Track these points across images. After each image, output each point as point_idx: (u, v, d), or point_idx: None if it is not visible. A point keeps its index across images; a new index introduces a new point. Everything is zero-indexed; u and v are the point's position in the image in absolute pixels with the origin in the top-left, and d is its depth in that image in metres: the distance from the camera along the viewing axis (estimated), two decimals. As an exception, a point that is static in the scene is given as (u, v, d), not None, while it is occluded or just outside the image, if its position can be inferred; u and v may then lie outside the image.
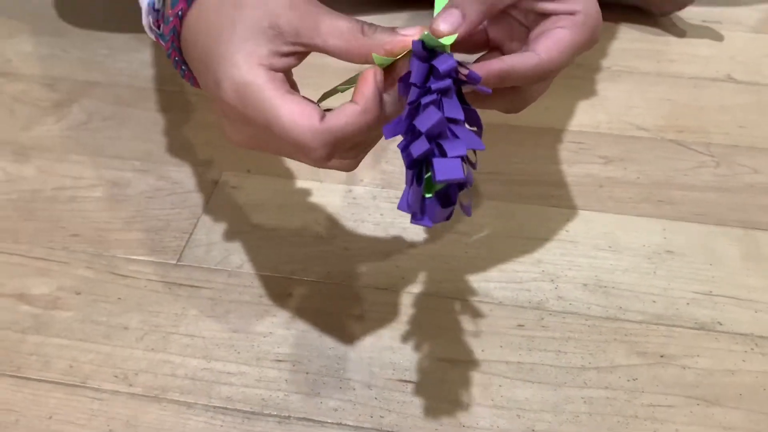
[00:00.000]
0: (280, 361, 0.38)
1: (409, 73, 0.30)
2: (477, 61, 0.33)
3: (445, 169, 0.27)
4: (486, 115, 0.54)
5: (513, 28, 0.35)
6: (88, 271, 0.42)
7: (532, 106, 0.37)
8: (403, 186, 0.30)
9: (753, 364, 0.38)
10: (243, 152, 0.50)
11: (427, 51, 0.29)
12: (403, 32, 0.30)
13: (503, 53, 0.34)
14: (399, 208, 0.29)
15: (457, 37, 0.30)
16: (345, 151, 0.31)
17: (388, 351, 0.38)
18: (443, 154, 0.27)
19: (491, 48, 0.36)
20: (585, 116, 0.54)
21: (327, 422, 0.35)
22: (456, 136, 0.28)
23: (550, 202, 0.47)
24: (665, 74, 0.59)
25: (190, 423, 0.35)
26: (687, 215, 0.46)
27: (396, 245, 0.44)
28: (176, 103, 0.55)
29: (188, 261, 0.43)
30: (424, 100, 0.28)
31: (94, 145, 0.51)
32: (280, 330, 0.39)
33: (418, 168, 0.29)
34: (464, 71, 0.29)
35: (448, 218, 0.31)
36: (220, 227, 0.45)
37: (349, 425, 0.35)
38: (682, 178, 0.49)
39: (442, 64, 0.29)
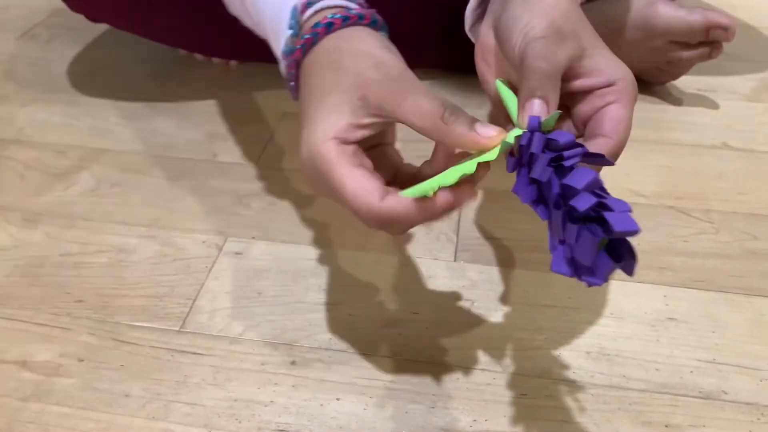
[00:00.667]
0: (281, 430, 0.38)
1: (517, 151, 0.31)
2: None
3: (620, 221, 0.26)
4: (488, 182, 0.55)
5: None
6: (91, 337, 0.43)
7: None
8: (404, 254, 0.30)
9: (760, 434, 0.37)
10: (248, 219, 0.51)
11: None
12: (480, 130, 0.31)
13: None
14: (556, 270, 0.28)
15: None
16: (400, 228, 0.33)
17: (390, 421, 0.38)
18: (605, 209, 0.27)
19: None
20: (585, 183, 0.55)
21: (328, 495, 0.35)
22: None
23: (552, 269, 0.47)
24: (663, 142, 0.60)
25: (189, 495, 0.35)
26: (688, 282, 0.46)
27: (400, 312, 0.44)
28: (184, 171, 0.56)
29: (191, 328, 0.43)
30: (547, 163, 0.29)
31: (102, 211, 0.52)
32: (282, 399, 0.39)
33: (582, 223, 0.27)
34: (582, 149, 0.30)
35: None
36: (224, 294, 0.45)
37: (350, 498, 0.35)
38: (683, 244, 0.49)
39: (561, 138, 0.30)
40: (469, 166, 0.31)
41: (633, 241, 0.50)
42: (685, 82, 0.67)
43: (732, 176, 0.56)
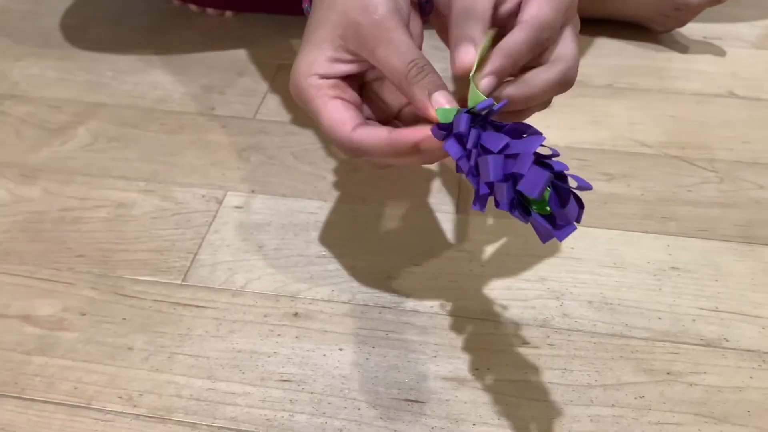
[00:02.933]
0: (284, 381, 0.38)
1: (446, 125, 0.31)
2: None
3: (531, 183, 0.27)
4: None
5: None
6: (93, 291, 0.43)
7: (535, 123, 0.37)
8: (405, 206, 0.30)
9: (761, 381, 0.38)
10: (247, 173, 0.51)
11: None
12: (435, 98, 0.31)
13: None
14: (545, 241, 0.28)
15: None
16: (375, 160, 0.35)
17: (393, 370, 0.38)
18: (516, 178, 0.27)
19: None
20: (588, 133, 0.54)
21: (332, 442, 0.35)
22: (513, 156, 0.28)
23: (554, 219, 0.47)
24: (668, 91, 0.59)
25: (195, 444, 0.35)
26: (692, 231, 0.46)
27: (401, 264, 0.44)
28: (181, 124, 0.55)
29: (193, 281, 0.43)
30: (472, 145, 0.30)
31: (100, 166, 0.52)
32: (285, 350, 0.39)
33: (518, 206, 0.28)
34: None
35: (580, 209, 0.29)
36: (225, 247, 0.45)
37: (354, 445, 0.35)
38: (686, 194, 0.49)
39: (480, 106, 0.30)
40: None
41: (637, 190, 0.50)
42: (691, 30, 0.66)
43: (737, 125, 0.55)
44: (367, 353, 0.39)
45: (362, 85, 0.37)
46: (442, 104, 0.31)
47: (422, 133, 0.31)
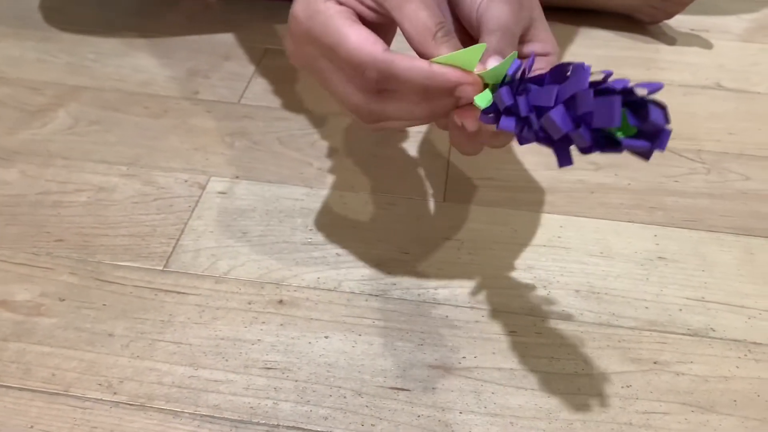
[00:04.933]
0: (269, 368, 0.37)
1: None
2: None
3: (605, 115, 0.25)
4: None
5: None
6: (73, 277, 0.42)
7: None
8: (393, 193, 0.29)
9: (747, 370, 0.38)
10: (231, 159, 0.50)
11: None
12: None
13: None
14: (648, 158, 0.26)
15: None
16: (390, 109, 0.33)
17: (379, 358, 0.38)
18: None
19: None
20: (576, 123, 0.54)
21: (317, 430, 0.35)
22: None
23: (543, 209, 0.47)
24: (655, 82, 0.59)
25: (177, 432, 0.35)
26: (679, 221, 0.46)
27: (388, 251, 0.43)
28: (164, 108, 0.54)
29: (175, 267, 0.42)
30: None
31: (81, 149, 0.50)
32: (269, 337, 0.39)
33: (605, 142, 0.26)
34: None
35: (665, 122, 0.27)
36: (208, 233, 0.44)
37: (339, 434, 0.35)
38: (674, 184, 0.49)
39: (511, 70, 0.30)
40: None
41: (624, 180, 0.50)
42: (679, 22, 0.66)
43: (724, 117, 0.55)
44: (353, 341, 0.39)
45: None
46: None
47: (465, 76, 0.30)
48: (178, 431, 0.34)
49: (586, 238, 0.45)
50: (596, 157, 0.51)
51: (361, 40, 0.31)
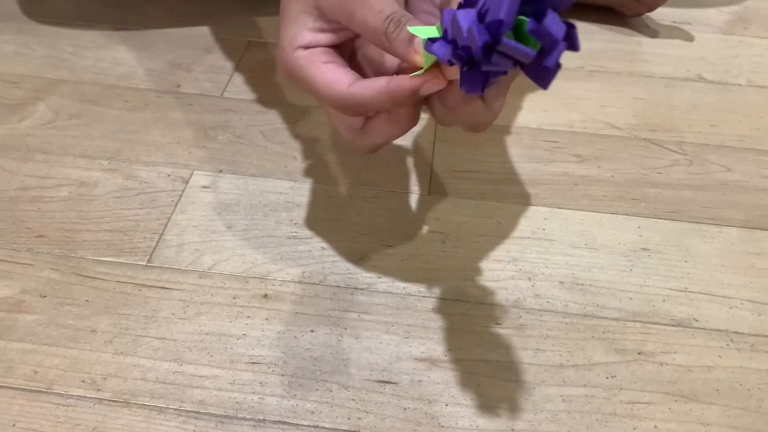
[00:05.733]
0: (254, 363, 0.37)
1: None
2: None
3: (495, 9, 0.23)
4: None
5: None
6: (54, 273, 0.41)
7: (507, 105, 0.37)
8: (377, 187, 0.29)
9: (729, 359, 0.38)
10: (214, 152, 0.49)
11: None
12: (417, 45, 0.31)
13: None
14: (541, 81, 0.25)
15: None
16: (374, 135, 0.35)
17: (365, 351, 0.38)
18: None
19: None
20: (559, 116, 0.54)
21: (303, 425, 0.35)
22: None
23: (527, 201, 0.47)
24: (638, 74, 0.59)
25: (161, 428, 0.34)
26: (661, 213, 0.46)
27: (373, 245, 0.43)
28: (146, 102, 0.54)
29: (158, 262, 0.42)
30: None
31: (61, 144, 0.50)
32: (255, 332, 0.38)
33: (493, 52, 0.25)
34: None
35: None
36: (192, 228, 0.44)
37: (326, 428, 0.35)
38: (656, 176, 0.49)
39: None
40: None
41: (607, 172, 0.50)
42: (661, 15, 0.66)
43: (706, 108, 0.56)
44: (338, 335, 0.38)
45: (352, 53, 0.36)
46: (420, 42, 0.30)
47: (422, 78, 0.30)
48: (163, 427, 0.34)
49: (570, 230, 0.45)
50: (580, 149, 0.51)
51: (326, 82, 0.33)
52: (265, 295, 0.40)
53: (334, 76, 0.33)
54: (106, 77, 0.56)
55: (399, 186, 0.47)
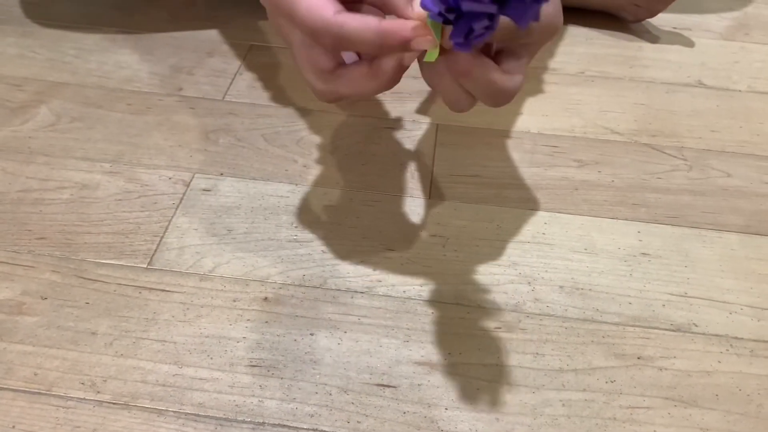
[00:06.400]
0: (254, 366, 0.37)
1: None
2: None
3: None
4: (465, 118, 0.54)
5: None
6: (55, 275, 0.41)
7: (508, 110, 0.36)
8: (378, 191, 0.29)
9: (728, 365, 0.38)
10: (215, 156, 0.50)
11: None
12: (416, 7, 0.30)
13: None
14: (518, 19, 0.26)
15: None
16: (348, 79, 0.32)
17: (365, 355, 0.38)
18: None
19: None
20: (559, 120, 0.54)
21: (302, 428, 0.35)
22: None
23: (527, 205, 0.47)
24: (638, 79, 0.59)
25: (161, 431, 0.34)
26: (662, 218, 0.46)
27: (373, 248, 0.43)
28: (147, 105, 0.54)
29: (159, 265, 0.42)
30: None
31: (62, 146, 0.50)
32: (255, 335, 0.39)
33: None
34: None
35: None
36: (192, 230, 0.44)
37: (325, 431, 0.35)
38: (656, 181, 0.49)
39: None
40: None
41: (607, 177, 0.51)
42: (661, 20, 0.67)
43: (706, 114, 0.56)
44: (338, 338, 0.39)
45: None
46: (418, 12, 0.30)
47: (417, 29, 0.30)
48: (163, 430, 0.34)
49: (570, 235, 0.45)
50: (580, 154, 0.51)
51: (310, 5, 0.30)
52: (266, 298, 0.40)
53: (320, 2, 0.30)
54: (108, 80, 0.56)
55: (399, 190, 0.47)
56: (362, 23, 0.30)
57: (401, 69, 0.32)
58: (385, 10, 0.32)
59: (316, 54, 0.33)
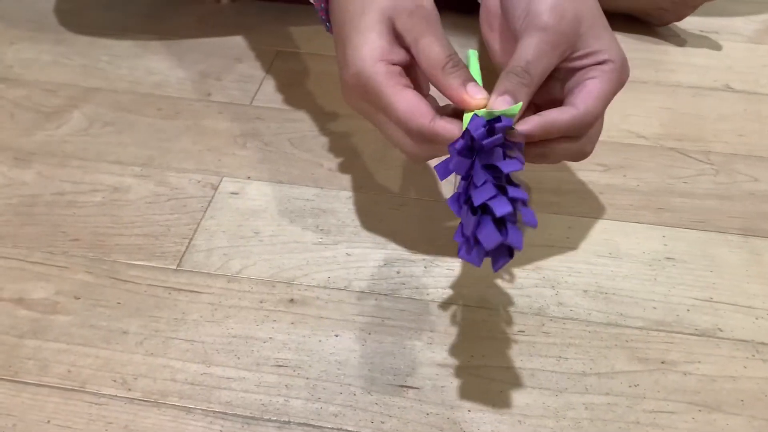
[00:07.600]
0: (280, 366, 0.38)
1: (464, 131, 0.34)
2: (519, 118, 0.35)
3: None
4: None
5: (549, 88, 0.38)
6: (88, 275, 0.42)
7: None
8: (402, 195, 0.30)
9: (754, 370, 0.38)
10: (243, 159, 0.51)
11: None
12: (470, 89, 0.34)
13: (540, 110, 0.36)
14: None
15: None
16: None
17: (389, 356, 0.38)
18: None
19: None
20: (585, 124, 0.54)
21: (327, 427, 0.35)
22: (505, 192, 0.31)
23: (551, 209, 0.47)
24: (664, 83, 0.59)
25: (189, 428, 0.35)
26: (687, 222, 0.46)
27: (398, 251, 0.44)
28: (177, 110, 0.55)
29: (188, 266, 0.43)
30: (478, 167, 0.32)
31: (95, 150, 0.51)
32: (281, 335, 0.39)
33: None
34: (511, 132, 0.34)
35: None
36: (220, 233, 0.45)
37: (349, 430, 0.35)
38: (682, 185, 0.49)
39: (496, 123, 0.33)
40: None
41: (633, 181, 0.50)
42: (688, 24, 0.66)
43: (733, 118, 0.55)
44: (363, 339, 0.39)
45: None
46: (474, 94, 0.34)
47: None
48: (191, 427, 0.35)
49: (594, 239, 0.45)
50: (605, 158, 0.51)
51: (410, 109, 0.34)
52: (291, 300, 0.41)
53: (418, 108, 0.34)
54: (139, 86, 0.58)
55: (424, 193, 0.48)
56: (452, 132, 0.34)
57: None
58: (437, 88, 0.35)
59: (407, 137, 0.36)
